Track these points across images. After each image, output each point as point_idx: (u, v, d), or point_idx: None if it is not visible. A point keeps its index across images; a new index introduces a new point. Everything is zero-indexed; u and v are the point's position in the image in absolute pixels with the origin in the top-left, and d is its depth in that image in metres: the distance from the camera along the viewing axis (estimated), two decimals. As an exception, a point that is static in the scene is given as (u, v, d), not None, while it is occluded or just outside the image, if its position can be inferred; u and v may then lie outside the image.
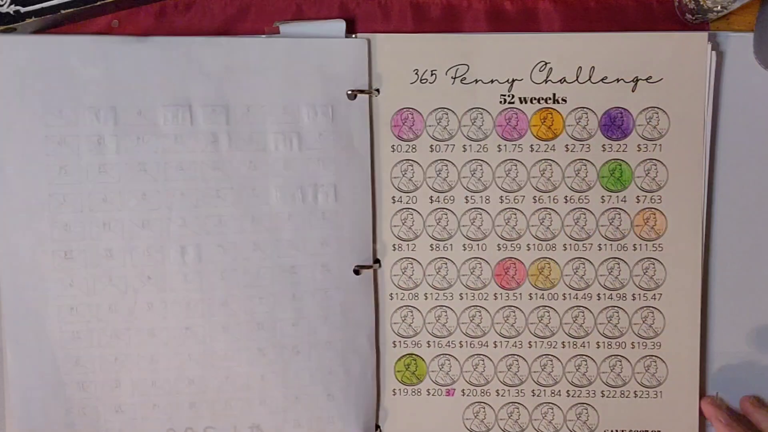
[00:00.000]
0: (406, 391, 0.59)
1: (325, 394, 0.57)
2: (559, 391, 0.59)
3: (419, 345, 0.59)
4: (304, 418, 0.57)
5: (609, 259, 0.59)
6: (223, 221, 0.55)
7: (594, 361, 0.59)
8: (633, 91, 0.58)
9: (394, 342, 0.59)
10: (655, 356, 0.59)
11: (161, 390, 0.56)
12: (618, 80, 0.58)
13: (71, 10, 0.55)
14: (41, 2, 0.55)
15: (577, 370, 0.59)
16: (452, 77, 0.58)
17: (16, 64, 0.53)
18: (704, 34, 0.57)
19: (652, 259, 0.58)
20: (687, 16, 0.58)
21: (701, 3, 0.55)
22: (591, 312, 0.59)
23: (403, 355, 0.59)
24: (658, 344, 0.59)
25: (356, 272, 0.57)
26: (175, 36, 0.57)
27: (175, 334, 0.55)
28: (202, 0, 0.60)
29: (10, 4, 0.54)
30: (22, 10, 0.55)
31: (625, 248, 0.58)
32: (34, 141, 0.53)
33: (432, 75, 0.58)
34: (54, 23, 0.58)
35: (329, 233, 0.56)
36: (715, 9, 0.55)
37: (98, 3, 0.55)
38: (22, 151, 0.53)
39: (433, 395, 0.60)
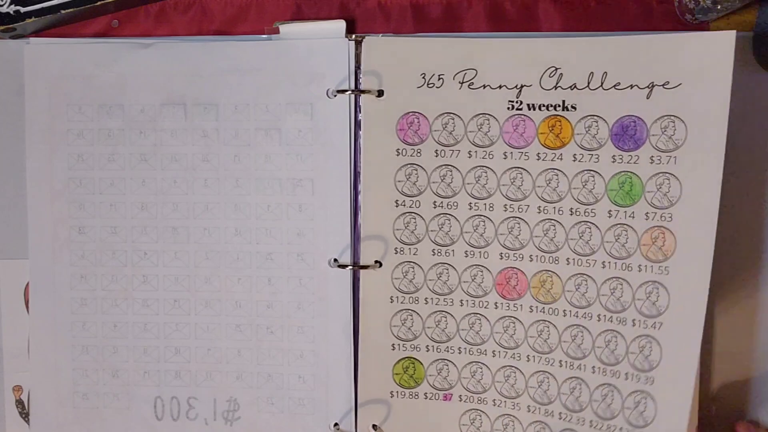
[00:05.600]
0: (403, 393, 0.59)
1: (296, 376, 0.61)
2: (552, 411, 0.57)
3: (418, 349, 0.59)
4: (277, 397, 0.61)
5: (612, 278, 0.55)
6: (209, 207, 0.60)
7: (587, 386, 0.56)
8: (648, 98, 0.54)
9: (393, 345, 0.59)
10: (646, 392, 0.54)
11: (151, 357, 0.62)
12: (632, 86, 0.54)
13: (71, 10, 0.56)
14: (41, 2, 0.56)
15: (571, 393, 0.56)
16: (460, 82, 0.57)
17: (47, 69, 0.60)
18: (731, 34, 0.52)
19: (656, 283, 0.54)
20: (687, 16, 0.57)
21: (701, 3, 0.54)
22: (590, 333, 0.56)
23: (402, 358, 0.59)
24: (651, 380, 0.54)
25: (341, 266, 0.59)
26: (175, 37, 0.61)
27: (164, 305, 0.61)
28: (201, 0, 0.59)
29: (10, 4, 0.56)
30: (22, 10, 0.56)
31: (630, 268, 0.55)
32: (58, 133, 0.61)
33: (439, 79, 0.57)
34: (54, 23, 0.59)
35: (305, 225, 0.60)
36: (715, 9, 0.54)
37: (98, 3, 0.56)
38: (48, 142, 0.61)
39: (430, 399, 0.59)
